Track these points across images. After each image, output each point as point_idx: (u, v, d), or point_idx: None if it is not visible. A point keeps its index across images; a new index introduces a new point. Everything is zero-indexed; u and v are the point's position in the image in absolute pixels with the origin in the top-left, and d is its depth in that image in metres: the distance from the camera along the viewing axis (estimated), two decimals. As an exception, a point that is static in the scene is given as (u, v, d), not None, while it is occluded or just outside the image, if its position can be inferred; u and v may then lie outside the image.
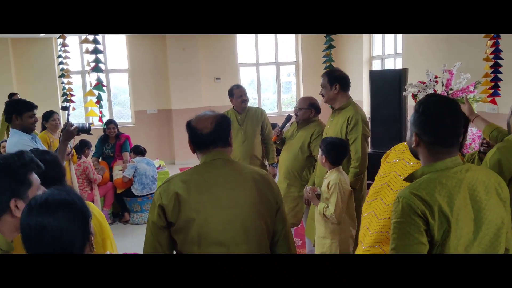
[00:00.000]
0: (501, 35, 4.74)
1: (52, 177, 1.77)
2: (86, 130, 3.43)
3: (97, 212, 1.93)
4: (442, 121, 1.50)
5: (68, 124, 3.18)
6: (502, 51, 4.85)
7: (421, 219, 1.41)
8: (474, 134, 4.70)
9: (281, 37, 9.78)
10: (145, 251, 1.72)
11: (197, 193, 1.69)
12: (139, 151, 5.82)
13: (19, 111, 3.15)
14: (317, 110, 3.75)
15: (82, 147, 5.33)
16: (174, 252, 1.74)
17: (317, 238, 2.99)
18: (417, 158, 1.63)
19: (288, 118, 3.97)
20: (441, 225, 1.41)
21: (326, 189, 2.93)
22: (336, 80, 3.37)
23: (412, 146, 1.58)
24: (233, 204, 1.70)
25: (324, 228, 2.94)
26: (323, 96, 3.46)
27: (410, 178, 1.58)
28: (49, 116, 4.64)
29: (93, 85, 4.65)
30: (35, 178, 1.49)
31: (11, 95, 6.89)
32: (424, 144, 1.54)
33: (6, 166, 1.41)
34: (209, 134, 1.77)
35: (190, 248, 1.67)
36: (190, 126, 1.81)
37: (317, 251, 2.98)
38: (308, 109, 3.70)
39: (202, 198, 1.68)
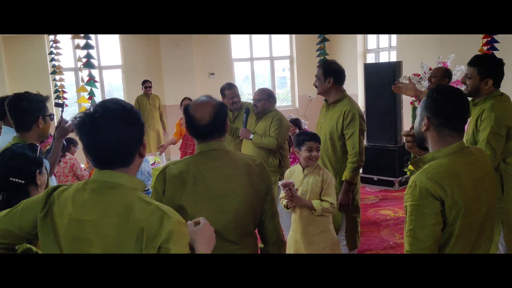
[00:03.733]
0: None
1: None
2: None
3: None
4: (452, 105, 1.64)
5: (62, 121, 3.13)
6: (498, 42, 4.83)
7: (438, 201, 1.53)
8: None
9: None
10: None
11: (192, 185, 1.73)
12: None
13: None
14: (275, 100, 3.92)
15: (68, 144, 5.26)
16: None
17: (315, 236, 2.93)
18: (422, 148, 1.75)
19: (247, 112, 3.93)
20: (454, 207, 1.54)
21: (320, 184, 2.90)
22: (331, 74, 3.33)
23: (422, 130, 1.68)
24: (226, 196, 1.74)
25: (316, 224, 2.91)
26: (316, 87, 3.43)
27: (416, 163, 1.70)
28: None
29: (85, 81, 4.60)
30: None
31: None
32: (434, 127, 1.65)
33: (135, 111, 1.37)
34: (206, 126, 1.77)
35: None
36: (188, 114, 1.80)
37: (317, 248, 2.92)
38: (267, 100, 3.80)
39: (196, 189, 1.72)
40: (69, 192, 1.33)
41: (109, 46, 9.07)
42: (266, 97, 3.78)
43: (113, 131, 1.27)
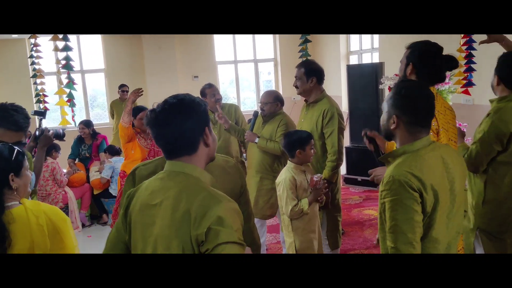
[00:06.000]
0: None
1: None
2: (60, 136, 3.38)
3: (49, 208, 1.89)
4: (422, 103, 1.65)
5: (45, 129, 3.10)
6: (475, 42, 4.89)
7: (417, 193, 1.54)
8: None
9: (259, 34, 9.75)
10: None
11: None
12: (114, 151, 5.71)
13: None
14: (282, 103, 3.80)
15: (49, 150, 5.17)
16: None
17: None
18: (389, 140, 1.80)
19: (255, 115, 3.91)
20: (431, 199, 1.56)
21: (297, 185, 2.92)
22: (313, 73, 3.34)
23: (391, 128, 1.69)
24: None
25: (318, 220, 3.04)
26: (297, 87, 3.42)
27: (386, 157, 1.71)
28: None
29: (64, 84, 4.53)
30: None
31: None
32: (404, 125, 1.66)
33: (195, 102, 1.45)
34: None
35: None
36: None
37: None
38: (274, 103, 3.70)
39: None
40: (144, 184, 1.48)
41: (91, 50, 8.99)
42: (272, 100, 3.69)
43: (171, 124, 1.39)
